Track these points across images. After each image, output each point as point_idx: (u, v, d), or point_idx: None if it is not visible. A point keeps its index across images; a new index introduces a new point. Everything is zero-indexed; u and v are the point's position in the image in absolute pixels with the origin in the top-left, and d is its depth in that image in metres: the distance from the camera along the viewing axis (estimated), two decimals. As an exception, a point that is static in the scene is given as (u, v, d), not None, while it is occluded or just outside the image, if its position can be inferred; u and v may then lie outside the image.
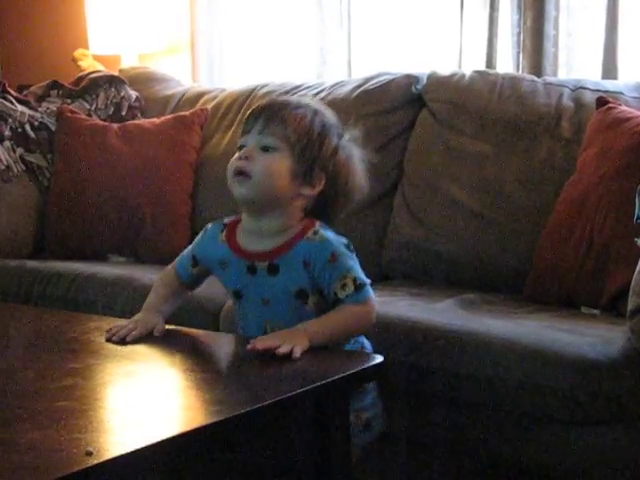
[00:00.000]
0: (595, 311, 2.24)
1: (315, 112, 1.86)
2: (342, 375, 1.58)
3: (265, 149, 1.80)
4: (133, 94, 3.41)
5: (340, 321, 1.80)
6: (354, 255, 1.84)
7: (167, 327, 1.90)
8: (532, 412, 1.91)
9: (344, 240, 1.84)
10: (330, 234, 1.83)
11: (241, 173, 1.80)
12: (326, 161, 1.83)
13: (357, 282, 1.80)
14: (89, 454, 1.19)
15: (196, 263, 1.95)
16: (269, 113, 1.82)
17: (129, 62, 3.74)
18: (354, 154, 1.89)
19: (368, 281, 1.83)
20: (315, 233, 1.82)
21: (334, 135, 1.87)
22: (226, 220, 1.92)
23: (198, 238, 1.97)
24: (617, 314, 2.14)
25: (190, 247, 1.99)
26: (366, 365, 1.64)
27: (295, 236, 1.82)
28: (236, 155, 1.84)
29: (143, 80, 3.52)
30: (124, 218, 3.04)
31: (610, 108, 2.44)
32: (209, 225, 1.95)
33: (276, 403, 1.43)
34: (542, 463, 1.92)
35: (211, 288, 2.45)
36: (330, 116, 1.90)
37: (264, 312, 1.84)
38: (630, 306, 1.92)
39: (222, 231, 1.90)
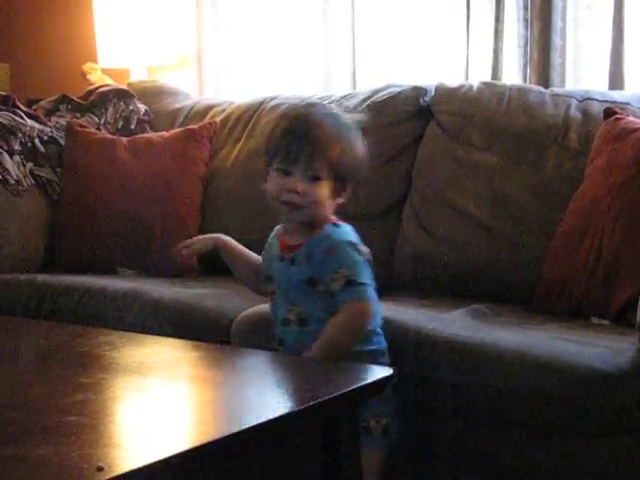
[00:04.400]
0: (604, 322, 2.24)
1: (345, 128, 2.01)
2: (352, 388, 1.58)
3: (312, 178, 1.96)
4: (142, 107, 3.42)
5: (332, 334, 1.92)
6: (357, 254, 1.95)
7: (177, 341, 1.92)
8: (541, 423, 1.91)
9: (352, 239, 1.97)
10: (337, 231, 1.99)
11: (293, 205, 1.97)
12: (355, 171, 2.03)
13: (349, 278, 1.92)
14: (100, 469, 1.19)
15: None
16: (312, 148, 1.95)
17: (138, 75, 3.75)
18: (359, 142, 2.03)
19: (366, 281, 1.94)
20: (322, 229, 1.99)
21: (359, 141, 2.02)
22: None
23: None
24: (626, 324, 2.14)
25: None
26: (376, 378, 1.64)
27: (312, 234, 2.00)
28: (279, 182, 1.98)
29: (152, 93, 3.53)
30: (133, 232, 3.04)
31: (618, 119, 2.44)
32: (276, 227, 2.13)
33: (286, 417, 1.43)
34: (552, 474, 1.92)
35: (222, 302, 2.48)
36: (346, 121, 2.04)
37: (287, 296, 2.01)
38: (639, 317, 1.92)
39: (279, 229, 2.10)
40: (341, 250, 1.95)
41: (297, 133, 1.97)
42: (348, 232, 2.00)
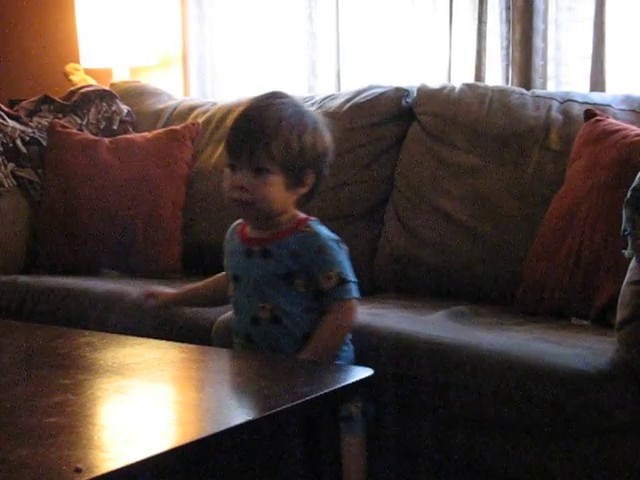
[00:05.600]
0: (585, 322, 2.25)
1: (289, 117, 1.94)
2: (331, 389, 1.58)
3: (258, 171, 1.91)
4: (124, 108, 3.42)
5: (327, 334, 1.92)
6: (343, 252, 1.95)
7: (159, 342, 1.92)
8: (522, 424, 1.91)
9: (334, 236, 1.96)
10: (322, 229, 1.97)
11: (242, 202, 1.93)
12: (311, 161, 1.96)
13: (341, 277, 1.92)
14: (78, 471, 1.19)
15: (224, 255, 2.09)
16: (253, 140, 1.91)
17: (121, 76, 3.74)
18: (319, 126, 1.99)
19: (354, 279, 1.94)
20: (307, 227, 1.96)
21: (308, 129, 1.96)
22: None
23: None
24: (607, 325, 2.15)
25: None
26: (355, 379, 1.64)
27: (289, 228, 1.96)
28: (229, 179, 1.95)
29: (135, 94, 3.52)
30: (116, 232, 3.04)
31: (598, 121, 2.45)
32: (233, 224, 2.09)
33: (265, 418, 1.43)
34: (533, 475, 1.93)
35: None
36: (296, 109, 1.97)
37: (256, 294, 1.96)
38: (619, 317, 1.93)
39: (238, 225, 2.05)
40: (330, 248, 1.94)
41: (240, 126, 1.95)
42: (327, 229, 1.98)
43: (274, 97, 1.99)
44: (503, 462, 1.94)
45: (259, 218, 1.97)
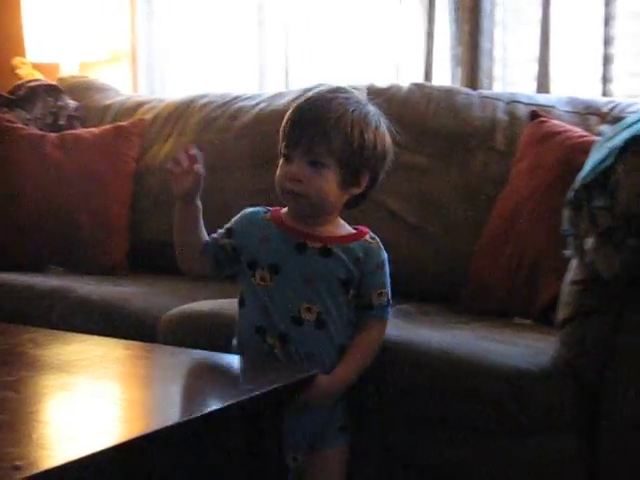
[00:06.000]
0: (528, 321, 2.28)
1: (352, 112, 1.84)
2: (276, 387, 1.59)
3: (313, 164, 1.82)
4: (72, 103, 3.39)
5: (365, 353, 1.89)
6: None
7: (103, 339, 1.91)
8: (465, 422, 1.92)
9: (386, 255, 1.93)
10: (381, 244, 1.92)
11: (295, 194, 1.83)
12: (369, 161, 1.87)
13: (388, 297, 1.91)
14: (17, 469, 1.18)
15: (230, 235, 1.92)
16: (313, 131, 1.81)
17: (69, 71, 3.72)
18: (382, 126, 1.90)
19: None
20: (373, 239, 1.91)
21: (371, 128, 1.87)
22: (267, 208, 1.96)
23: (236, 218, 1.95)
24: (549, 324, 2.17)
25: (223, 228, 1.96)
26: (299, 377, 1.65)
27: (352, 234, 1.90)
28: (283, 169, 1.85)
29: (82, 89, 3.50)
30: (62, 229, 3.02)
31: (542, 122, 2.48)
32: (248, 209, 1.96)
33: (208, 415, 1.44)
34: (478, 474, 1.94)
35: (149, 300, 2.47)
36: (360, 106, 1.88)
37: (304, 292, 1.84)
38: (560, 316, 1.96)
39: (266, 213, 1.93)
40: (386, 267, 1.91)
41: (302, 116, 1.84)
42: None
43: (338, 91, 1.91)
44: (444, 460, 1.95)
45: (308, 213, 1.86)
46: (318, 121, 1.82)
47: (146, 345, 2.01)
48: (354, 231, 1.92)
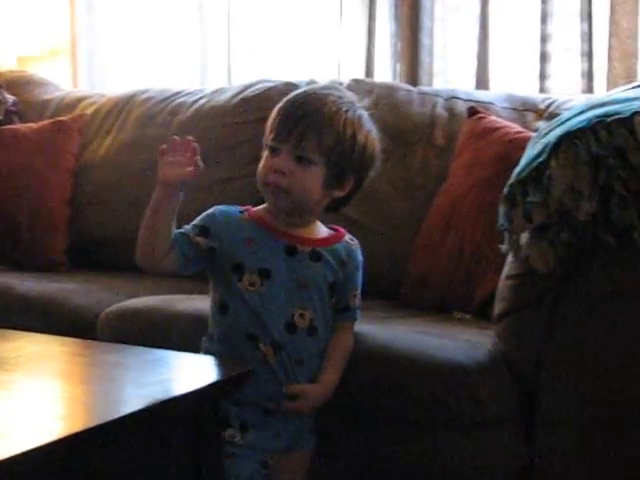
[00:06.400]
0: (466, 316, 2.30)
1: (346, 112, 1.80)
2: (213, 382, 1.59)
3: (300, 159, 1.77)
4: (10, 98, 3.35)
5: (346, 355, 1.89)
6: None
7: (40, 336, 1.90)
8: (404, 416, 1.92)
9: None
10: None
11: (277, 187, 1.78)
12: (357, 164, 1.83)
13: (359, 298, 1.91)
14: (-50, 466, 1.18)
15: (207, 234, 1.81)
16: (305, 126, 1.76)
17: (7, 65, 3.68)
18: (373, 131, 1.88)
19: None
20: (352, 240, 1.90)
21: (363, 130, 1.84)
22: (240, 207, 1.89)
23: (207, 216, 1.85)
24: (487, 318, 2.19)
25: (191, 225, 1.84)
26: (235, 373, 1.65)
27: (334, 236, 1.88)
28: (268, 161, 1.80)
29: (21, 84, 3.47)
30: (0, 225, 2.99)
31: (480, 118, 2.51)
32: (218, 208, 1.87)
33: (147, 410, 1.43)
34: (413, 468, 1.94)
35: (88, 297, 2.46)
36: (354, 107, 1.84)
37: (298, 297, 1.81)
38: (496, 310, 1.98)
39: (242, 212, 1.87)
40: (361, 268, 1.90)
41: (295, 111, 1.79)
42: None
43: (332, 88, 1.88)
44: (384, 457, 1.95)
45: (288, 209, 1.81)
46: (311, 117, 1.77)
47: (84, 342, 2.00)
48: (333, 232, 1.89)
